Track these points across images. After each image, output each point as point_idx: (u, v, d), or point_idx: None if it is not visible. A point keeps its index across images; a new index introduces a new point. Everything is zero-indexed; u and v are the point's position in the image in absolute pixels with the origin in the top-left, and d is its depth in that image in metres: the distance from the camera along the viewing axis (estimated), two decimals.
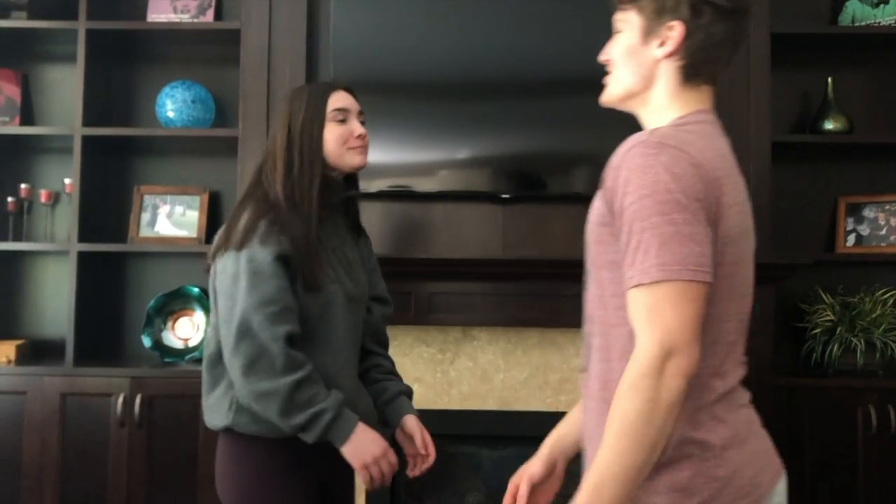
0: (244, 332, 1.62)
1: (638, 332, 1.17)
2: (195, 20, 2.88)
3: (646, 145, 1.22)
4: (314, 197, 1.75)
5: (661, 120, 1.34)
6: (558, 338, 2.79)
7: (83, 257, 2.75)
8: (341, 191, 1.86)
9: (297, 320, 1.67)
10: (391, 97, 2.73)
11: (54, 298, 2.95)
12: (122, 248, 2.82)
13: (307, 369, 1.64)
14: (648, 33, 1.32)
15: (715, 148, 1.27)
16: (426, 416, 2.76)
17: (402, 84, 2.73)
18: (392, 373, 1.97)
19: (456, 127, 2.72)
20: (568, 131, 2.71)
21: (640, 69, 1.34)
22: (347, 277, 1.80)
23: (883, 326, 2.63)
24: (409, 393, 1.95)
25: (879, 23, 2.80)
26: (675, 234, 1.16)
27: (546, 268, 2.64)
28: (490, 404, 2.77)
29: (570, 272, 2.62)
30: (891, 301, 2.67)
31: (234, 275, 1.66)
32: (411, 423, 1.87)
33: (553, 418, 2.74)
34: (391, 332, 2.75)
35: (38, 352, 2.89)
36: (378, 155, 2.72)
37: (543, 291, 2.66)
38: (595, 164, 2.72)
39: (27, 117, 2.95)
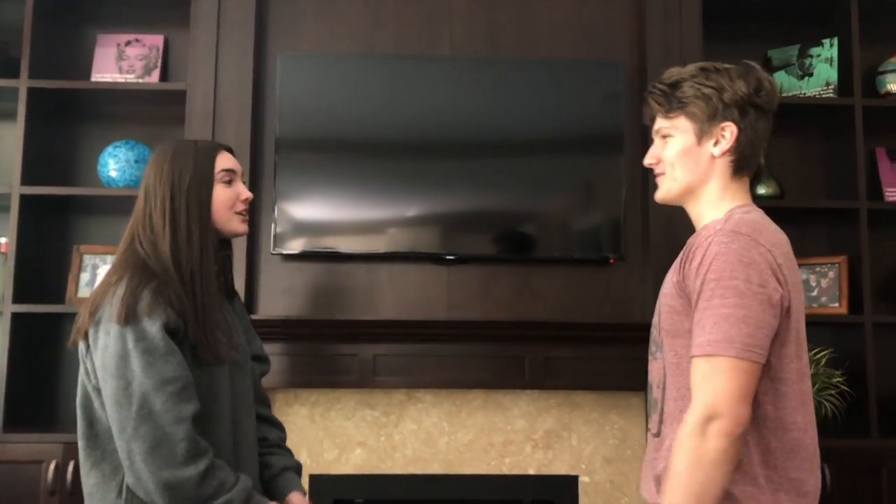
0: (146, 415, 1.49)
1: (692, 396, 1.35)
2: (140, 80, 2.88)
3: (722, 234, 1.39)
4: (208, 264, 1.65)
5: (715, 212, 1.49)
6: (502, 399, 2.79)
7: (18, 318, 2.67)
8: (218, 253, 1.76)
9: (195, 395, 1.56)
10: (336, 156, 2.75)
11: None
12: (60, 309, 2.75)
13: (209, 457, 1.53)
14: (703, 134, 1.49)
15: (778, 233, 1.44)
16: (369, 482, 2.74)
17: (348, 143, 2.76)
18: (279, 445, 1.87)
19: (401, 186, 2.74)
20: (513, 192, 2.76)
21: (698, 167, 1.50)
22: (229, 345, 1.69)
23: (817, 385, 2.68)
24: (296, 468, 1.86)
25: (804, 94, 2.94)
26: (729, 317, 1.33)
27: (490, 329, 2.66)
28: (435, 468, 2.75)
29: (514, 333, 2.67)
30: (824, 361, 2.74)
31: (120, 353, 1.52)
32: (297, 499, 1.79)
33: (497, 481, 2.75)
34: (335, 395, 2.76)
35: None
36: (323, 213, 2.74)
37: (488, 353, 2.67)
38: (540, 225, 2.78)
39: None
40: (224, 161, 1.73)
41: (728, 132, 1.48)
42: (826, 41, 2.94)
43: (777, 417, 1.39)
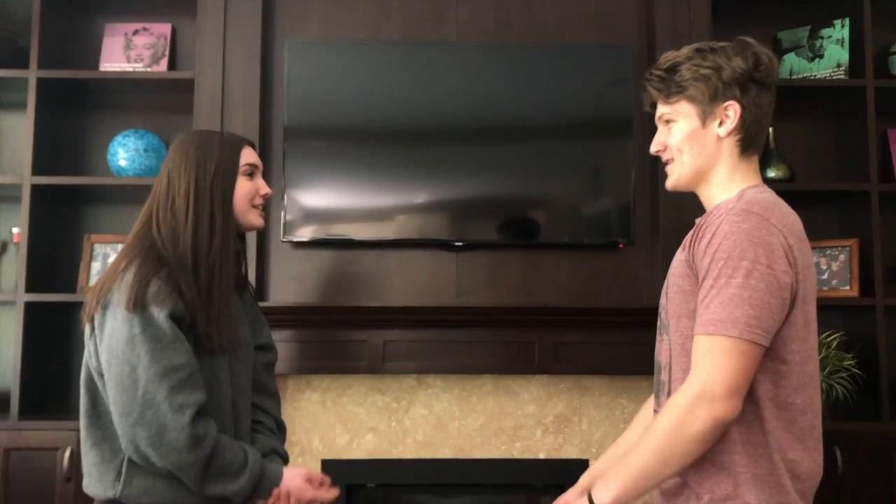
0: (150, 401, 1.51)
1: (691, 370, 1.36)
2: (149, 69, 2.89)
3: (734, 213, 1.38)
4: (228, 255, 1.66)
5: (726, 193, 1.47)
6: (512, 384, 2.80)
7: (31, 307, 2.69)
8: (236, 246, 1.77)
9: (202, 384, 1.57)
10: (345, 144, 2.75)
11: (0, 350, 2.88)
12: (72, 299, 2.77)
13: (210, 442, 1.54)
14: (706, 116, 1.47)
15: (791, 214, 1.42)
16: (381, 467, 2.75)
17: (356, 130, 2.76)
18: (273, 431, 1.86)
19: (409, 173, 2.75)
20: (521, 178, 2.76)
21: (705, 149, 1.48)
22: (233, 338, 1.69)
23: (828, 369, 2.68)
24: (283, 456, 1.82)
25: (815, 76, 2.92)
26: (735, 297, 1.32)
27: (500, 315, 2.66)
28: (445, 452, 2.77)
29: (523, 319, 2.67)
30: (835, 344, 2.73)
31: (127, 338, 1.53)
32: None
33: (507, 466, 2.76)
34: (346, 381, 2.77)
35: None
36: (332, 201, 2.74)
37: (497, 338, 2.68)
38: (548, 210, 2.77)
39: None
40: (248, 155, 1.75)
41: (732, 111, 1.45)
42: (837, 22, 2.91)
43: (775, 396, 1.37)
